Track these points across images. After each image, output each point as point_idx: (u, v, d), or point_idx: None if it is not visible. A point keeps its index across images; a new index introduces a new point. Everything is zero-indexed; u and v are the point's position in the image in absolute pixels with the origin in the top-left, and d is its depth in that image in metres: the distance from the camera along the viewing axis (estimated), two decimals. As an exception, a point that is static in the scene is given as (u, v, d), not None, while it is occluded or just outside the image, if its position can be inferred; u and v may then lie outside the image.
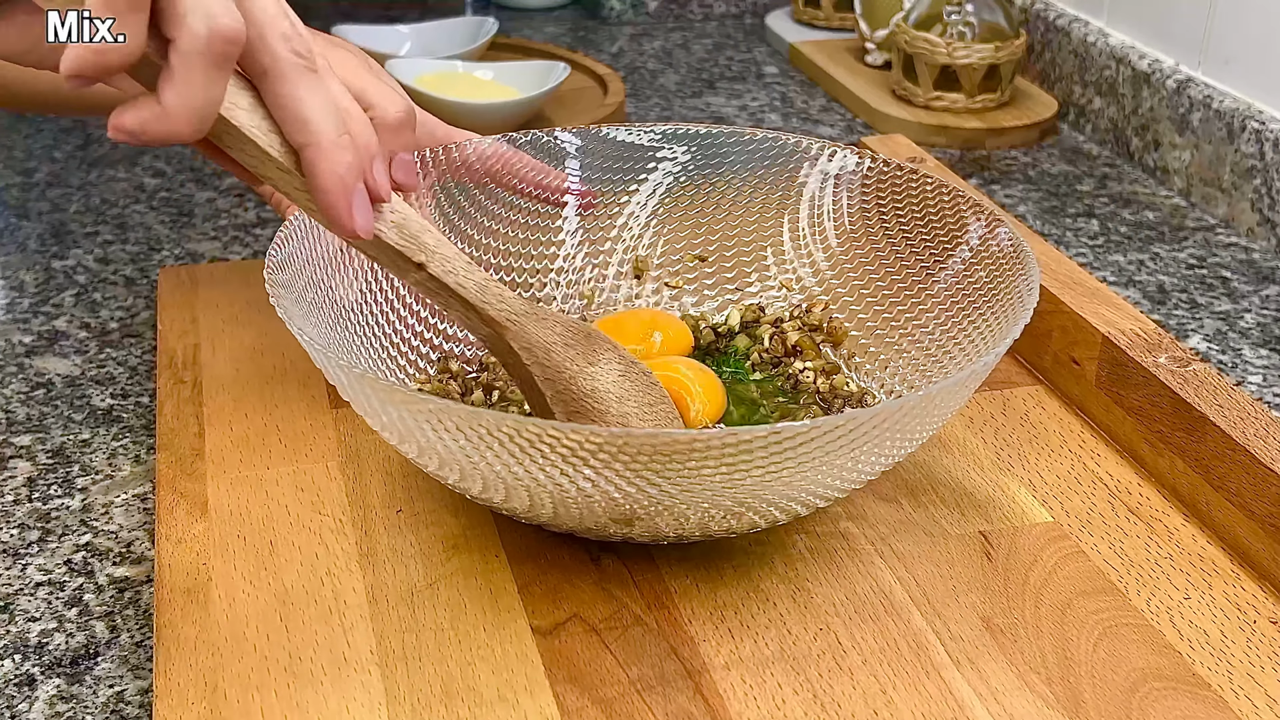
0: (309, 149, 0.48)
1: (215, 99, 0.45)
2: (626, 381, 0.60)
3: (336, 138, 0.48)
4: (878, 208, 0.70)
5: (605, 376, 0.59)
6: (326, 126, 0.48)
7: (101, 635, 0.59)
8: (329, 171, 0.48)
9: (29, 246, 0.94)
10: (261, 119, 0.48)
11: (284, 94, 0.47)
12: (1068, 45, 1.17)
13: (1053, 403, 0.71)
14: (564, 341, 0.58)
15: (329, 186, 0.48)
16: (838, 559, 0.60)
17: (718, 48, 1.37)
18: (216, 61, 0.44)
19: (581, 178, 0.73)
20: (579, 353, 0.58)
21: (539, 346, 0.57)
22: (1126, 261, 0.93)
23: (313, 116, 0.47)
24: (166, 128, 0.45)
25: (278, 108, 0.48)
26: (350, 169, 0.48)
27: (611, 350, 0.59)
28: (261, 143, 0.48)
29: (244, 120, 0.47)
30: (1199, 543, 0.61)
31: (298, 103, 0.47)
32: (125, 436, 0.72)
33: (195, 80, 0.44)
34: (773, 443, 0.49)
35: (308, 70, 0.47)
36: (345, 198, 0.49)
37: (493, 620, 0.56)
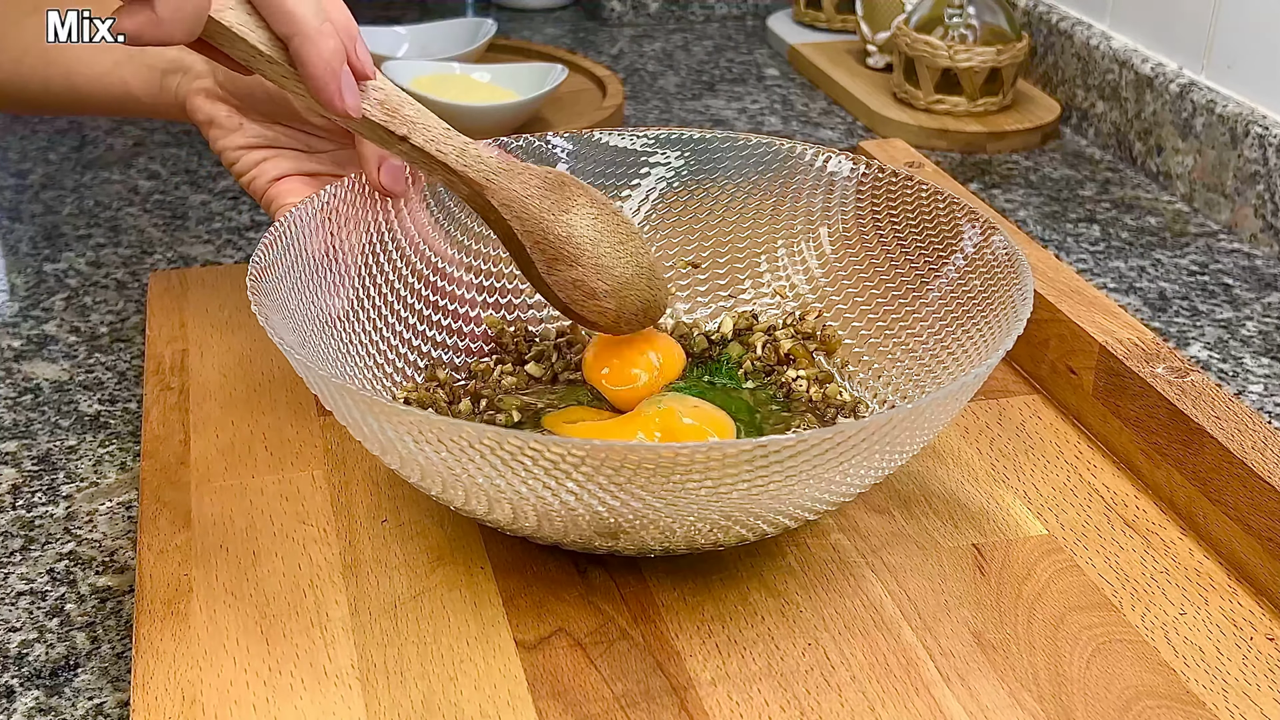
0: (295, 39, 0.52)
1: (203, 5, 0.49)
2: (599, 223, 0.63)
3: (319, 25, 0.52)
4: (872, 214, 0.70)
5: (579, 221, 0.62)
6: (309, 15, 0.52)
7: (82, 646, 0.58)
8: (316, 58, 0.52)
9: (20, 249, 0.93)
10: (248, 15, 0.53)
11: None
12: (1070, 48, 1.16)
13: (1049, 412, 0.70)
14: (540, 193, 0.61)
15: (318, 72, 0.53)
16: (828, 572, 0.59)
17: (718, 49, 1.37)
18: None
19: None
20: (553, 201, 0.61)
21: (516, 200, 0.61)
22: (1127, 268, 0.92)
23: (295, 9, 0.52)
24: (160, 32, 0.49)
25: (262, 4, 0.52)
26: (335, 53, 0.53)
27: (584, 195, 0.63)
28: (251, 39, 0.53)
29: (232, 19, 0.52)
30: (1195, 557, 0.60)
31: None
32: (112, 443, 0.71)
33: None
34: (759, 456, 0.48)
35: None
36: (334, 80, 0.53)
37: (476, 634, 0.55)
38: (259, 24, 0.53)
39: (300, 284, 0.62)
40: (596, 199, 0.63)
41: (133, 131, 1.13)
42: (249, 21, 0.53)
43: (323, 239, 0.64)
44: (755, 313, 0.72)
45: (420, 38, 1.21)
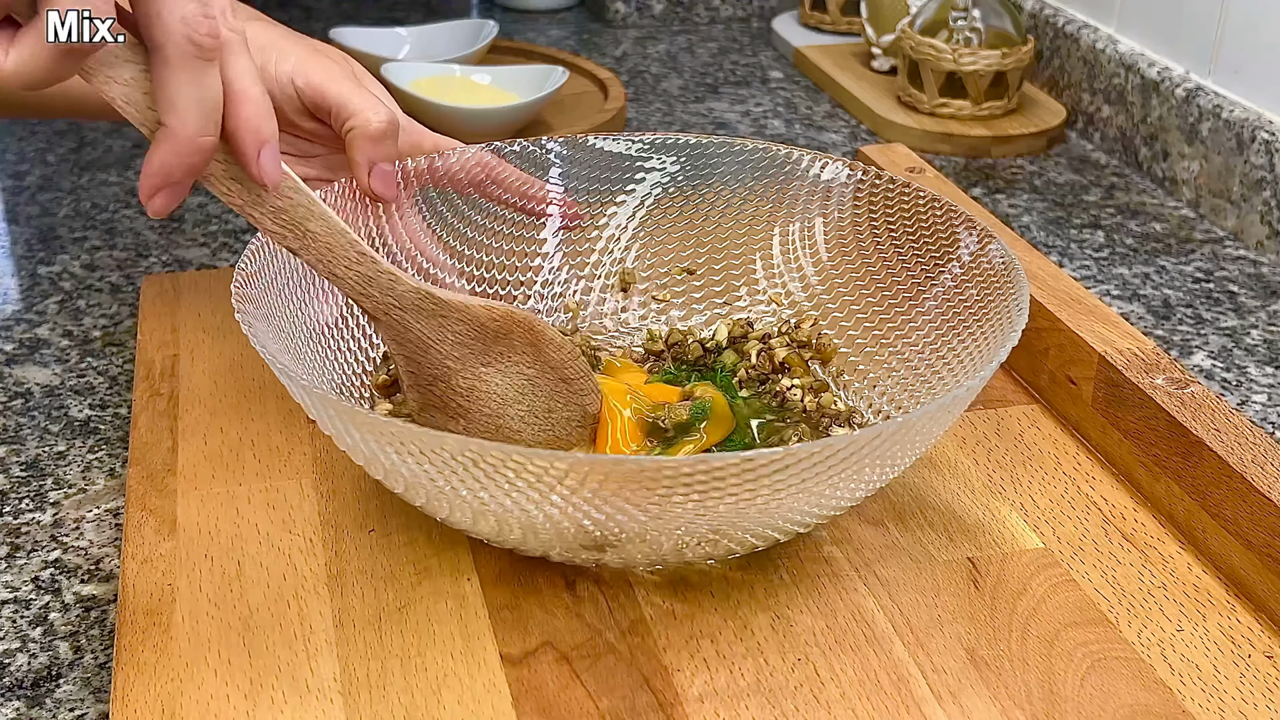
0: (164, 130, 0.48)
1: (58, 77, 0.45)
2: (530, 387, 0.60)
3: (195, 136, 0.48)
4: (869, 221, 0.69)
5: (497, 379, 0.59)
6: (189, 120, 0.47)
7: (65, 656, 0.57)
8: (162, 159, 0.48)
9: (15, 252, 0.93)
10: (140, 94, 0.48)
11: (162, 77, 0.47)
12: (1076, 51, 1.14)
13: (1048, 423, 0.69)
14: (459, 339, 0.58)
15: (155, 170, 0.48)
16: (820, 585, 0.58)
17: (723, 51, 1.36)
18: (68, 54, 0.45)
19: (566, 189, 0.71)
20: (472, 352, 0.58)
21: (415, 342, 0.57)
22: (1131, 275, 0.91)
23: (179, 105, 0.47)
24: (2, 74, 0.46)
25: (155, 86, 0.47)
26: (187, 169, 0.48)
27: (524, 354, 0.59)
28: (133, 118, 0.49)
29: (117, 94, 0.48)
30: (1194, 572, 0.59)
31: (171, 88, 0.47)
32: (101, 449, 0.71)
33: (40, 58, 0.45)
34: (746, 470, 0.47)
35: (196, 59, 0.47)
36: (159, 184, 0.49)
37: (461, 647, 0.54)
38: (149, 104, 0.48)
39: (288, 290, 0.61)
40: (547, 360, 0.60)
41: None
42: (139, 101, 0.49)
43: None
44: (750, 320, 0.71)
45: (421, 39, 1.21)
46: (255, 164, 0.50)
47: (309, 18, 1.44)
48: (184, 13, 0.46)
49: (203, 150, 0.48)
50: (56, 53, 0.45)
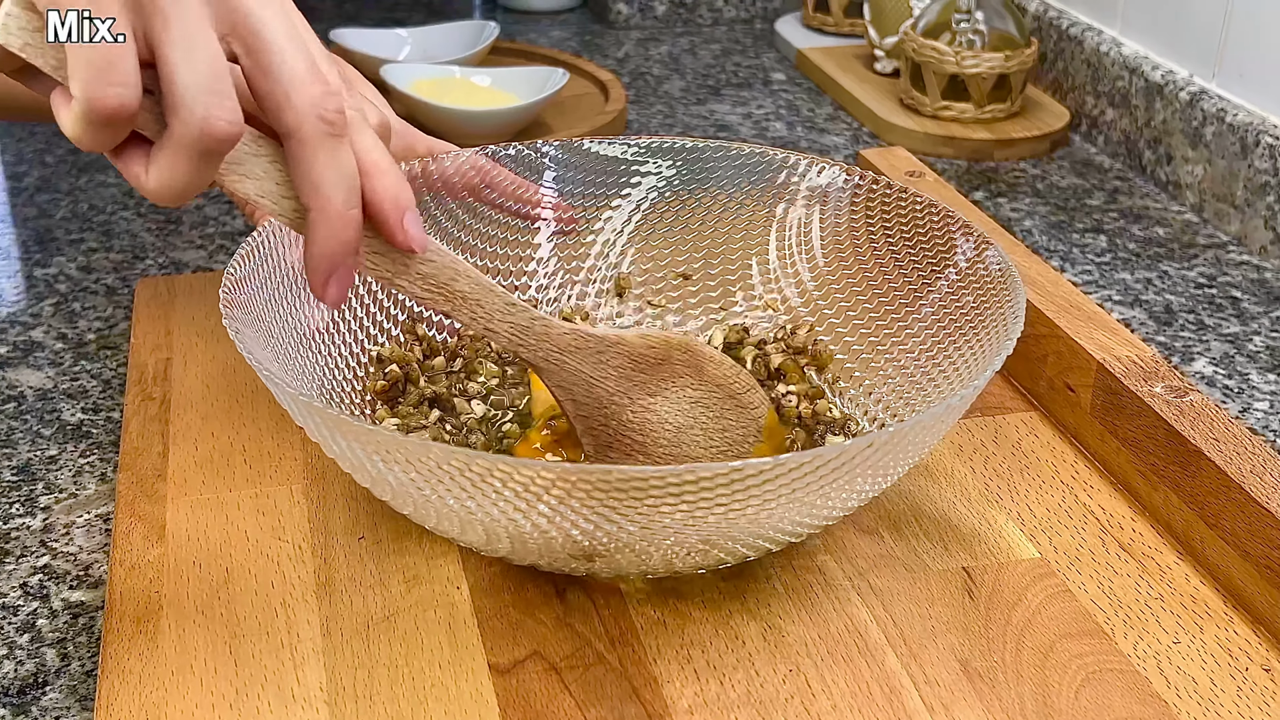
0: (313, 214, 0.48)
1: (197, 185, 0.46)
2: (699, 409, 0.59)
3: (344, 210, 0.48)
4: (866, 226, 0.68)
5: (666, 407, 0.58)
6: (336, 197, 0.47)
7: (52, 664, 0.57)
8: (323, 242, 0.48)
9: (11, 254, 0.92)
10: (274, 185, 0.48)
11: (302, 160, 0.47)
12: (1080, 54, 1.14)
13: (1047, 430, 0.69)
14: (620, 374, 0.57)
15: (317, 256, 0.48)
16: (813, 595, 0.57)
17: (725, 53, 1.35)
18: (206, 156, 0.45)
19: (560, 192, 0.71)
20: (637, 384, 0.57)
21: (580, 383, 0.57)
22: (1134, 280, 0.90)
23: (324, 185, 0.47)
24: (144, 192, 0.46)
25: (294, 169, 0.47)
26: (345, 245, 0.48)
27: (687, 377, 0.58)
28: (271, 211, 0.49)
29: (250, 190, 0.48)
30: (1192, 583, 0.58)
31: (313, 170, 0.47)
32: (93, 453, 0.70)
33: (180, 167, 0.45)
34: (735, 480, 0.47)
35: (330, 136, 0.47)
36: (327, 271, 0.49)
37: (449, 656, 0.54)
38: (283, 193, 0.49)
39: (279, 295, 0.61)
40: (712, 379, 0.59)
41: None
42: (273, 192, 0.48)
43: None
44: (746, 326, 0.71)
45: (422, 40, 1.20)
46: (401, 232, 0.50)
47: (310, 18, 1.43)
48: (312, 95, 0.46)
49: (354, 223, 0.48)
50: (192, 157, 0.45)
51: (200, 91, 0.44)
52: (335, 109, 0.47)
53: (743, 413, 0.60)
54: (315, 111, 0.46)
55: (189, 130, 0.44)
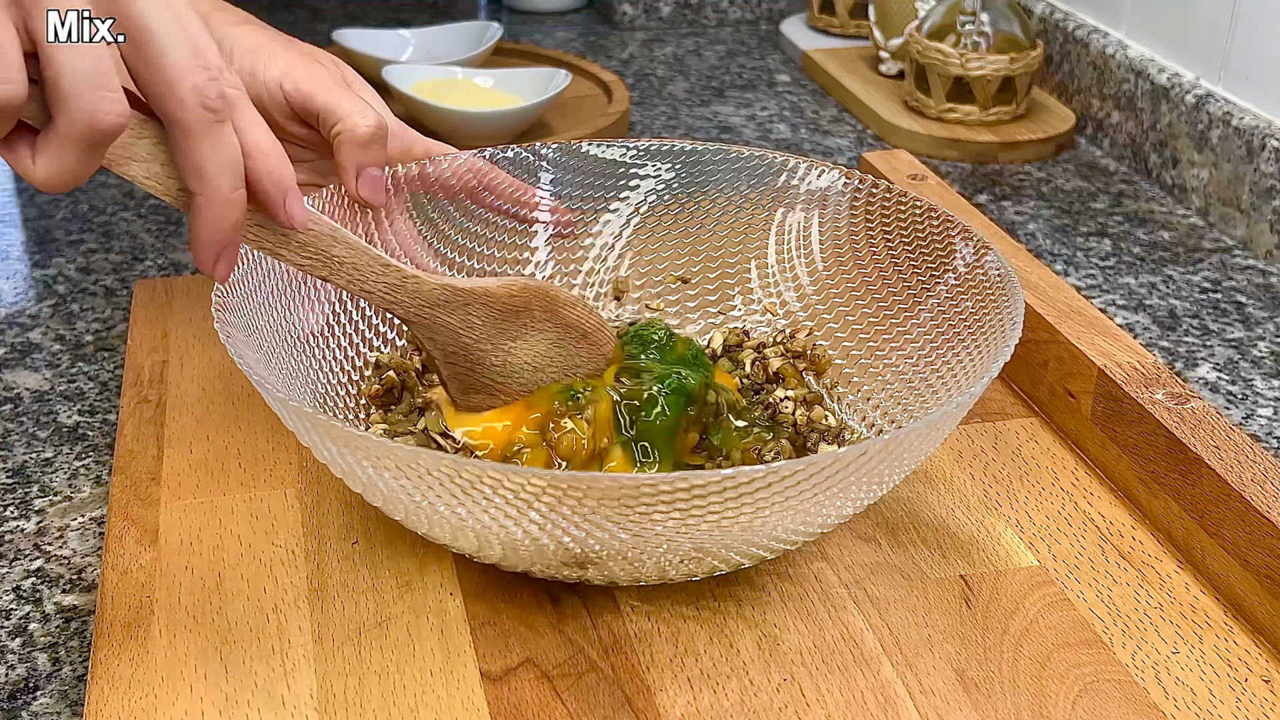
0: (199, 198, 0.48)
1: (84, 173, 0.46)
2: (555, 350, 0.61)
3: (228, 194, 0.48)
4: (866, 230, 0.68)
5: (525, 349, 0.61)
6: (221, 182, 0.48)
7: (43, 668, 0.57)
8: (209, 225, 0.49)
9: (11, 254, 0.92)
10: (159, 166, 0.49)
11: (186, 147, 0.48)
12: (1086, 57, 1.13)
13: (1047, 437, 0.68)
14: (485, 322, 0.60)
15: (204, 238, 0.49)
16: (808, 602, 0.57)
17: (730, 55, 1.35)
18: (92, 147, 0.45)
19: (558, 195, 0.70)
20: (499, 330, 0.60)
21: (447, 333, 0.59)
22: (1138, 284, 0.90)
23: (209, 170, 0.48)
24: (33, 182, 0.46)
25: (178, 155, 0.48)
26: (232, 225, 0.49)
27: (545, 321, 0.61)
28: (157, 191, 0.49)
29: (137, 172, 0.48)
30: (1192, 592, 0.58)
31: (197, 156, 0.48)
32: (88, 456, 0.70)
33: (68, 158, 0.45)
34: (727, 488, 0.46)
35: (214, 123, 0.47)
36: (214, 251, 0.50)
37: (441, 664, 0.53)
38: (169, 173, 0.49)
39: (272, 298, 0.60)
40: (565, 320, 0.62)
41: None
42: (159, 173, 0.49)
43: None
44: (746, 329, 0.70)
45: (425, 41, 1.20)
46: (283, 211, 0.52)
47: (315, 18, 1.43)
48: (194, 81, 0.46)
49: (239, 204, 0.49)
50: (80, 148, 0.45)
51: (86, 86, 0.44)
52: (216, 94, 0.47)
53: (593, 350, 0.63)
54: (197, 99, 0.47)
55: (75, 124, 0.44)
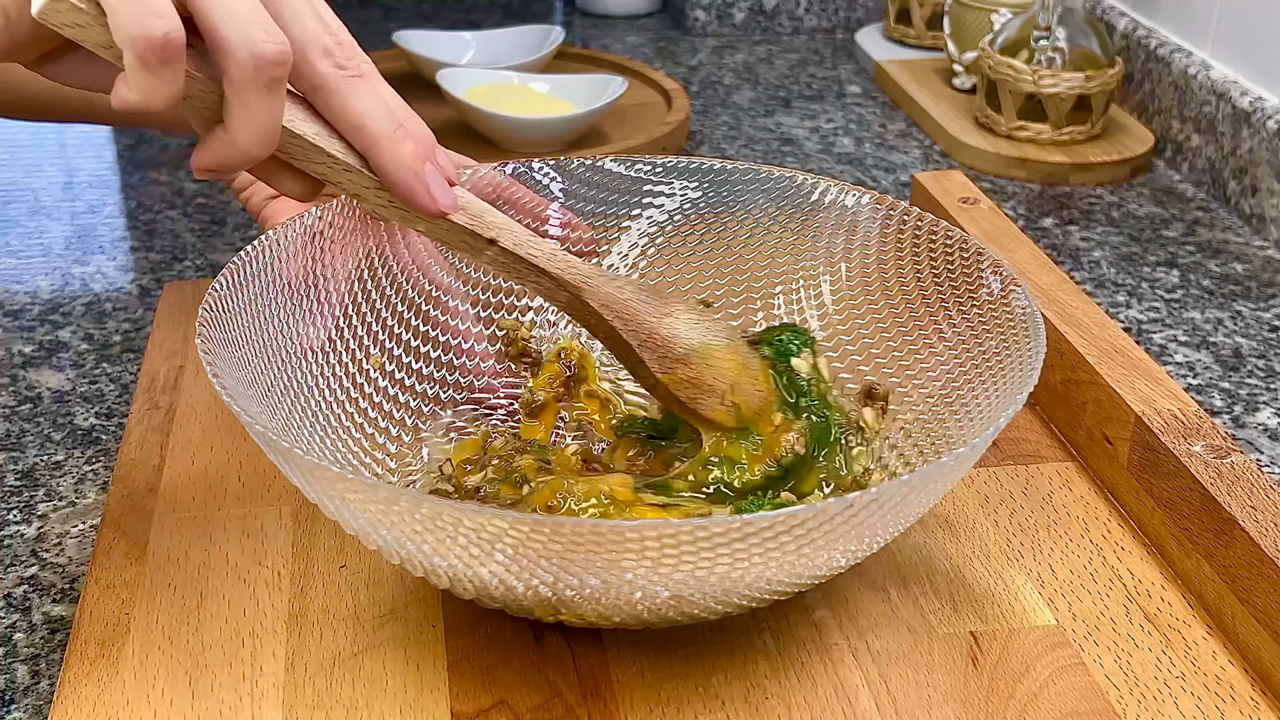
0: (372, 150, 0.50)
1: (275, 118, 0.47)
2: (701, 328, 0.60)
3: (393, 132, 0.50)
4: (895, 257, 0.64)
5: (681, 325, 0.59)
6: (382, 125, 0.50)
7: (21, 680, 0.56)
8: (395, 164, 0.50)
9: (53, 250, 0.92)
10: (321, 126, 0.50)
11: (335, 106, 0.49)
12: (1167, 76, 1.08)
13: (1082, 484, 0.64)
14: (637, 296, 0.59)
15: (401, 178, 0.50)
16: (804, 653, 0.54)
17: (802, 63, 1.31)
18: (269, 85, 0.46)
19: (579, 212, 0.68)
20: (653, 306, 0.59)
21: (615, 301, 0.58)
22: (1203, 319, 0.85)
23: (367, 121, 0.49)
24: (238, 153, 0.48)
25: (333, 119, 0.50)
26: (415, 156, 0.50)
27: (680, 302, 0.61)
28: (327, 148, 0.50)
29: (306, 130, 0.49)
30: (1219, 662, 0.54)
31: (350, 111, 0.49)
32: (98, 460, 0.69)
33: (252, 104, 0.46)
34: (699, 537, 0.44)
35: (353, 78, 0.49)
36: (420, 183, 0.51)
37: (413, 700, 0.51)
38: (333, 134, 0.50)
39: (271, 310, 0.59)
40: (692, 306, 0.61)
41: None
42: (322, 132, 0.50)
43: (303, 263, 0.61)
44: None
45: (487, 44, 1.18)
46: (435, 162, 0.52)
47: (386, 18, 1.43)
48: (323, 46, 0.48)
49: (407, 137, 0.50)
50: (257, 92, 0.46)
51: (239, 22, 0.45)
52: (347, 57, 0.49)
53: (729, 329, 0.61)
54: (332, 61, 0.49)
55: (245, 66, 0.45)
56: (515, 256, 0.55)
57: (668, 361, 0.58)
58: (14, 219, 0.97)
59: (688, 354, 0.58)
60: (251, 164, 0.49)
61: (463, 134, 1.04)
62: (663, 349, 0.58)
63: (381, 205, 0.52)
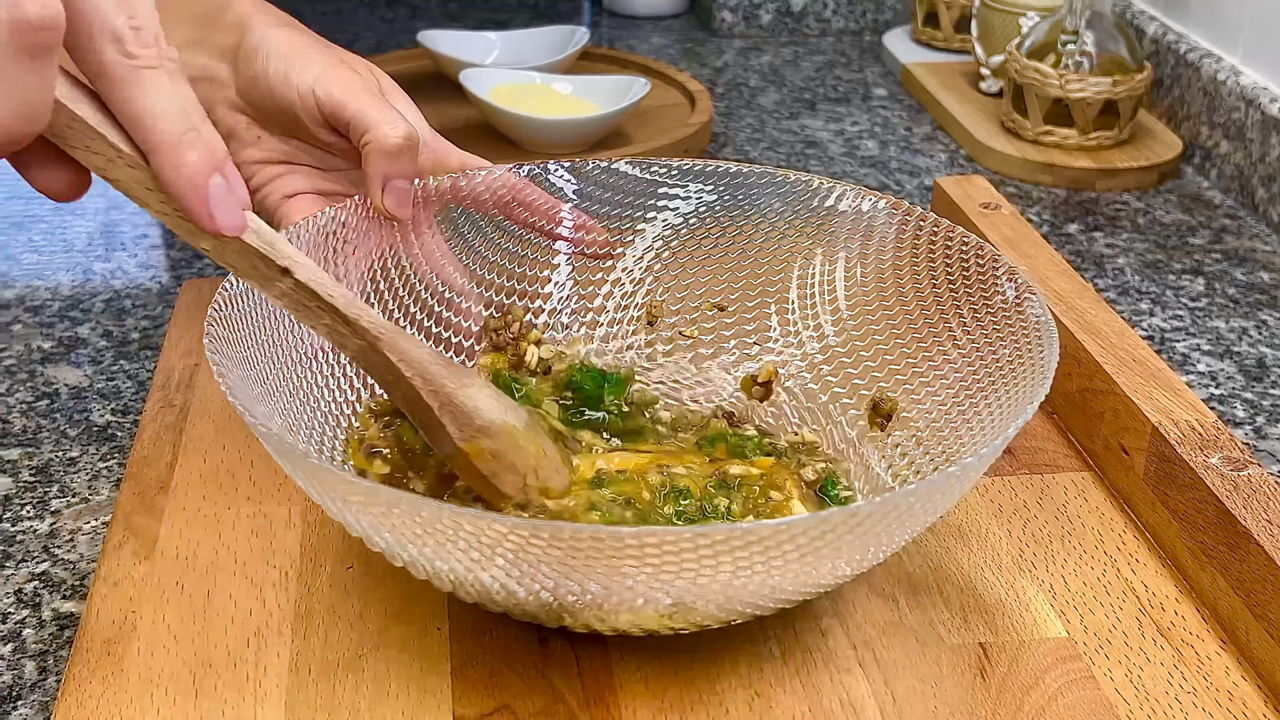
0: (153, 153, 0.45)
1: (38, 94, 0.42)
2: (501, 403, 0.56)
3: (179, 136, 0.45)
4: (911, 262, 0.64)
5: (481, 396, 0.55)
6: (167, 126, 0.44)
7: (29, 677, 0.56)
8: (175, 172, 0.45)
9: (75, 246, 0.93)
10: (106, 115, 0.45)
11: (117, 97, 0.44)
12: (1197, 82, 1.07)
13: (1098, 495, 0.64)
14: (437, 362, 0.54)
15: (180, 188, 0.45)
16: (810, 662, 0.54)
17: (828, 66, 1.31)
18: (30, 51, 0.41)
19: (593, 214, 0.68)
20: (452, 373, 0.55)
21: (415, 360, 0.53)
22: (1228, 328, 0.84)
23: (150, 118, 0.44)
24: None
25: (117, 111, 0.44)
26: (199, 165, 0.45)
27: (478, 378, 0.57)
28: (110, 137, 0.45)
29: (88, 113, 0.44)
30: (1232, 677, 0.53)
31: (133, 105, 0.44)
32: (113, 457, 0.70)
33: (10, 73, 0.41)
34: (701, 545, 0.43)
35: (142, 69, 0.44)
36: (198, 195, 0.46)
37: (416, 703, 0.51)
38: (118, 125, 0.45)
39: (282, 310, 0.58)
40: (488, 384, 0.57)
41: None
42: (106, 120, 0.45)
43: (316, 262, 0.61)
44: (780, 362, 0.67)
45: (511, 44, 1.18)
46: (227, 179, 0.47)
47: (414, 17, 1.43)
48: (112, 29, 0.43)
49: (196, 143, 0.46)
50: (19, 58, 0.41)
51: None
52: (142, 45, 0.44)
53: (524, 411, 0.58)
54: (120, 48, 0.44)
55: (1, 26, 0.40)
56: (310, 293, 0.50)
57: (469, 430, 0.54)
58: (39, 215, 0.97)
59: (489, 425, 0.55)
60: (9, 141, 0.42)
61: (485, 134, 1.04)
62: (464, 417, 0.54)
63: (165, 214, 0.47)
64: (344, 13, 1.45)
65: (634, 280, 0.69)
